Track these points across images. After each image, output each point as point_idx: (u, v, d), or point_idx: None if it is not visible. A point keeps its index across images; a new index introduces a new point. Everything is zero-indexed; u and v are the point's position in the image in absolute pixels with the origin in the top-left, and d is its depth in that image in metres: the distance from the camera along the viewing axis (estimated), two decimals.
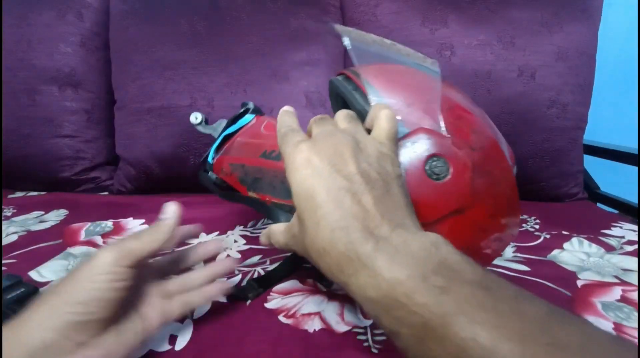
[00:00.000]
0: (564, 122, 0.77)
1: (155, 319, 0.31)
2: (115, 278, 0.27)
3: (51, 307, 0.26)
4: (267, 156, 0.34)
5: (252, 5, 0.81)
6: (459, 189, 0.31)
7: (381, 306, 0.22)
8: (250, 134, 0.37)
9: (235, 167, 0.36)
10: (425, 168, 0.31)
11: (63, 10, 0.83)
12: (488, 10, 0.77)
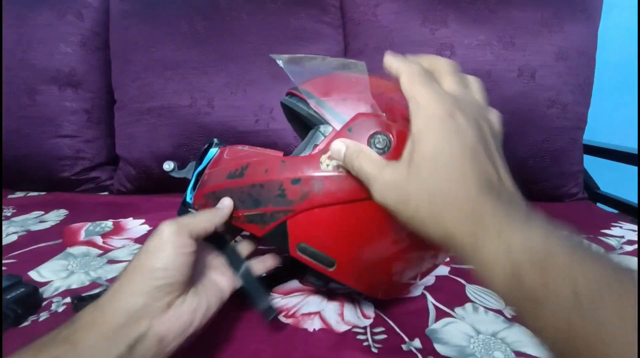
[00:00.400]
0: (564, 122, 0.77)
1: (226, 284, 0.36)
2: (179, 245, 0.31)
3: (136, 276, 0.29)
4: (232, 175, 0.38)
5: (252, 5, 0.81)
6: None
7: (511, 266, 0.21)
8: (216, 164, 0.41)
9: (208, 196, 0.39)
10: (370, 145, 0.33)
11: (63, 10, 0.83)
12: (488, 10, 0.77)
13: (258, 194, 0.36)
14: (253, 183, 0.36)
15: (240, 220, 0.37)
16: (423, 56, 0.34)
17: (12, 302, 0.40)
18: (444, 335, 0.38)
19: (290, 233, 0.35)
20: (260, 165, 0.36)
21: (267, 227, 0.36)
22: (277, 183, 0.35)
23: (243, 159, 0.38)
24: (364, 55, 0.82)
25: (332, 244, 0.35)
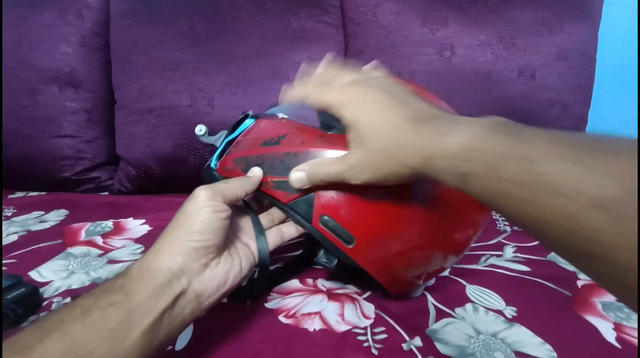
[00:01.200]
0: (564, 122, 0.77)
1: (256, 248, 0.38)
2: (214, 209, 0.32)
3: (175, 238, 0.32)
4: (267, 143, 0.38)
5: (252, 5, 0.81)
6: None
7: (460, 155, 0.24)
8: (250, 133, 0.40)
9: (238, 160, 0.39)
10: None
11: (63, 10, 0.83)
12: (488, 10, 0.77)
13: (291, 162, 0.36)
14: (288, 151, 0.36)
15: (268, 185, 0.37)
16: (315, 72, 0.37)
17: (13, 302, 0.40)
18: (444, 335, 0.38)
19: (316, 204, 0.35)
20: (297, 136, 0.37)
21: (294, 195, 0.36)
22: (312, 154, 0.35)
23: (281, 129, 0.38)
24: (364, 55, 0.82)
25: (355, 221, 0.35)
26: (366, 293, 0.44)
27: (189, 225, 0.32)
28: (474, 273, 0.49)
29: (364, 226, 0.36)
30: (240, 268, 0.35)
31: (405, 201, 0.34)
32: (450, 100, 0.76)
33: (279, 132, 0.38)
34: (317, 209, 0.35)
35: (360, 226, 0.36)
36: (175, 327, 0.30)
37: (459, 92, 0.76)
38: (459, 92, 0.76)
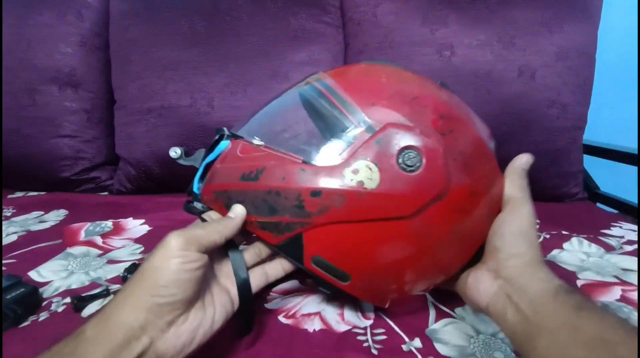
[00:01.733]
0: (564, 122, 0.77)
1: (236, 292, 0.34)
2: (186, 261, 0.29)
3: (139, 291, 0.28)
4: (246, 178, 0.35)
5: (252, 5, 0.81)
6: (435, 177, 0.32)
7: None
8: (227, 159, 0.37)
9: (219, 194, 0.37)
10: (399, 161, 0.32)
11: (63, 10, 0.83)
12: (488, 10, 0.77)
13: (274, 201, 0.33)
14: (269, 189, 0.34)
15: (252, 226, 0.35)
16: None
17: (12, 302, 0.40)
18: (444, 335, 0.38)
19: (306, 245, 0.34)
20: (277, 170, 0.34)
21: (281, 237, 0.34)
22: (295, 192, 0.33)
23: (259, 161, 0.35)
24: (364, 55, 0.82)
25: (348, 259, 0.34)
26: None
27: (155, 277, 0.28)
28: None
29: (359, 263, 0.34)
30: (212, 323, 0.31)
31: (404, 233, 0.33)
32: None
33: (256, 165, 0.35)
34: (308, 250, 0.34)
35: (355, 264, 0.34)
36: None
37: (458, 92, 0.75)
38: (458, 92, 0.74)
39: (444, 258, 0.35)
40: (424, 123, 0.33)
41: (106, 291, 0.44)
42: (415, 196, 0.32)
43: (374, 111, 0.34)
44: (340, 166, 0.32)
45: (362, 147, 0.32)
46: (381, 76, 0.37)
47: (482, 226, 0.35)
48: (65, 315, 0.41)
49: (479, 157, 0.35)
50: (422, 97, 0.35)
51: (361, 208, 0.32)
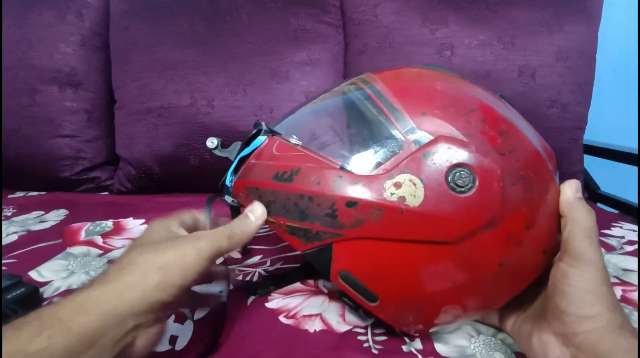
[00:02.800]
0: (564, 122, 0.77)
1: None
2: (203, 270, 0.29)
3: (148, 283, 0.27)
4: (279, 178, 0.33)
5: (252, 5, 0.81)
6: (489, 201, 0.29)
7: None
8: (263, 156, 0.36)
9: (250, 190, 0.35)
10: (447, 180, 0.29)
11: (63, 10, 0.83)
12: (488, 10, 0.77)
13: (305, 206, 0.31)
14: (302, 192, 0.31)
15: (281, 229, 0.33)
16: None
17: (12, 302, 0.40)
18: (445, 335, 0.38)
19: (335, 258, 0.31)
20: (312, 173, 0.32)
21: (309, 245, 0.32)
22: (329, 200, 0.30)
23: (294, 162, 0.33)
24: (364, 55, 0.82)
25: (379, 280, 0.31)
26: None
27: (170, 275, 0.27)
28: None
29: (390, 286, 0.31)
30: (155, 335, 0.29)
31: (441, 261, 0.30)
32: None
33: (291, 165, 0.33)
34: (337, 263, 0.31)
35: (385, 286, 0.31)
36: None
37: None
38: None
39: (487, 293, 0.32)
40: (480, 139, 0.30)
41: None
42: (462, 221, 0.29)
43: (424, 121, 0.31)
44: (381, 177, 0.30)
45: (407, 159, 0.29)
46: (435, 82, 0.34)
47: (536, 262, 0.32)
48: None
49: (540, 183, 0.31)
50: (480, 110, 0.31)
51: (400, 226, 0.29)
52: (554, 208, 0.31)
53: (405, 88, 0.34)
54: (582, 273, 0.28)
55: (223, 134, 0.76)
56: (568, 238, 0.30)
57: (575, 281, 0.29)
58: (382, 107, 0.32)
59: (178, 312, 0.30)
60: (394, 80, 0.35)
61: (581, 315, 0.28)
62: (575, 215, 0.30)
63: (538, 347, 0.30)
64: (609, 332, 0.27)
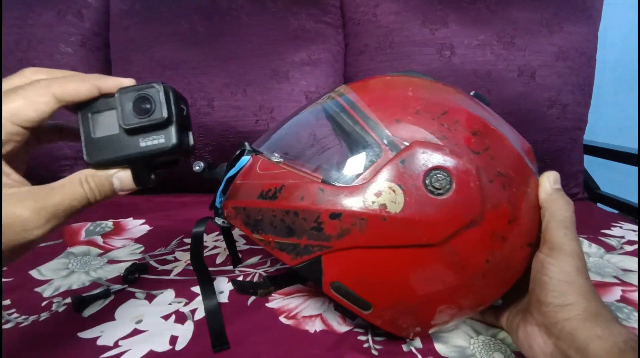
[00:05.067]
0: (564, 122, 0.77)
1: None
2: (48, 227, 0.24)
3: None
4: (264, 196, 0.34)
5: (252, 5, 0.81)
6: (467, 201, 0.29)
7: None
8: (247, 175, 0.37)
9: (238, 210, 0.36)
10: (425, 183, 0.29)
11: (63, 11, 0.83)
12: (488, 10, 0.77)
13: (292, 222, 0.32)
14: (287, 208, 0.32)
15: (270, 245, 0.34)
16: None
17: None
18: (444, 335, 0.38)
19: (325, 270, 0.32)
20: (296, 189, 0.32)
21: (299, 259, 0.32)
22: (314, 213, 0.31)
23: (278, 179, 0.34)
24: (364, 55, 0.82)
25: (370, 287, 0.32)
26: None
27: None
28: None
29: (381, 292, 0.32)
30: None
31: (428, 264, 0.30)
32: None
33: (275, 183, 0.34)
34: (327, 274, 0.32)
35: (377, 293, 0.32)
36: None
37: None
38: None
39: (478, 290, 0.32)
40: (454, 141, 0.30)
41: (107, 292, 0.44)
42: (444, 222, 0.29)
43: (398, 128, 0.31)
44: (361, 187, 0.30)
45: (385, 167, 0.30)
46: (407, 89, 0.34)
47: (522, 257, 0.32)
48: (66, 315, 0.41)
49: (518, 178, 0.32)
50: (452, 112, 0.32)
51: (384, 233, 0.30)
52: (535, 201, 0.32)
53: (378, 97, 0.34)
54: (558, 263, 0.29)
55: (223, 134, 0.76)
56: (545, 229, 0.31)
57: (551, 271, 0.29)
58: (357, 118, 0.33)
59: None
60: (367, 90, 0.35)
61: (558, 304, 0.29)
62: (552, 207, 0.31)
63: (523, 338, 0.31)
64: (585, 320, 0.27)
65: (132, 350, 0.35)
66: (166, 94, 0.26)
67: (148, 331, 0.38)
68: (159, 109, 0.25)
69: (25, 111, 0.23)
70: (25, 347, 0.36)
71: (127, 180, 0.27)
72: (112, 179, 0.26)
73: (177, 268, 0.50)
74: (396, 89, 0.35)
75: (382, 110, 0.33)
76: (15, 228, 0.22)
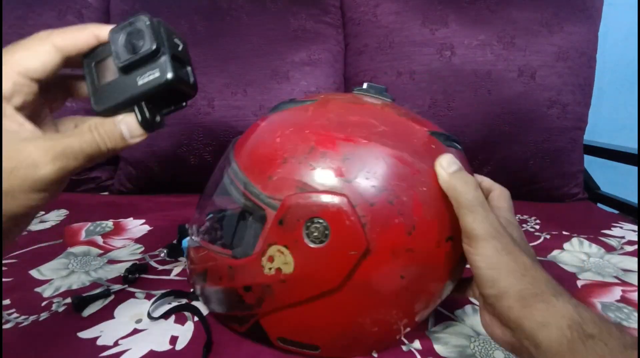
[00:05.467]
0: (564, 122, 0.77)
1: None
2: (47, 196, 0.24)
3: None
4: (202, 280, 0.38)
5: (252, 5, 0.81)
6: (350, 239, 0.28)
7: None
8: (190, 259, 0.41)
9: (199, 291, 0.41)
10: (306, 238, 0.29)
11: (63, 11, 0.83)
12: (488, 10, 0.77)
13: (223, 299, 0.35)
14: (216, 288, 0.36)
15: (221, 318, 0.38)
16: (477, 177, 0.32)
17: None
18: (444, 336, 0.38)
19: (267, 330, 0.34)
20: (215, 270, 0.35)
21: (244, 327, 0.35)
22: (232, 290, 0.33)
23: (203, 263, 0.36)
24: (364, 55, 0.82)
25: (309, 334, 0.33)
26: None
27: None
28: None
29: (319, 335, 0.33)
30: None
31: (342, 304, 0.31)
32: (450, 100, 0.76)
33: (201, 267, 0.37)
34: (271, 333, 0.34)
35: (316, 336, 0.33)
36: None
37: (459, 92, 0.76)
38: (459, 92, 0.76)
39: (411, 300, 0.32)
40: (326, 177, 0.29)
41: (107, 292, 0.44)
42: (335, 268, 0.29)
43: (271, 186, 0.30)
44: (257, 256, 0.31)
45: (269, 232, 0.30)
46: (275, 136, 0.32)
47: (445, 253, 0.31)
48: (66, 315, 0.41)
49: (406, 183, 0.29)
50: (319, 144, 0.30)
51: (290, 292, 0.30)
52: (439, 193, 0.30)
53: (249, 157, 0.33)
54: (477, 251, 0.27)
55: (223, 134, 0.76)
56: (458, 218, 0.29)
57: (475, 261, 0.27)
58: (239, 185, 0.32)
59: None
60: (242, 152, 0.34)
61: (494, 294, 0.27)
62: (454, 193, 0.29)
63: (488, 326, 0.30)
64: (524, 306, 0.26)
65: (132, 350, 0.35)
66: (153, 25, 0.25)
67: (148, 330, 0.38)
68: (147, 41, 0.24)
69: (28, 61, 0.23)
70: (25, 347, 0.36)
71: (133, 125, 0.26)
72: (120, 125, 0.25)
73: (177, 268, 0.50)
74: (265, 141, 0.33)
75: (255, 172, 0.32)
76: (24, 163, 0.22)
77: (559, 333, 0.24)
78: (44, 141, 0.23)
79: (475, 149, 0.76)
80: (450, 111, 0.76)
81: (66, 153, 0.23)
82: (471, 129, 0.76)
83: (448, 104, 0.76)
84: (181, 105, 0.28)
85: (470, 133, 0.76)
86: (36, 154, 0.22)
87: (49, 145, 0.23)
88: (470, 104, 0.75)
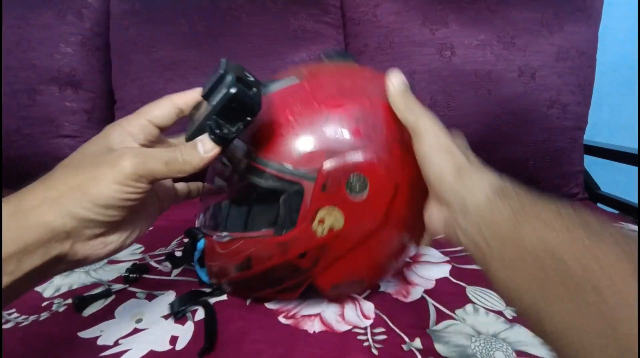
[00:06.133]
0: (564, 122, 0.77)
1: (169, 202, 0.37)
2: (133, 191, 0.27)
3: (72, 198, 0.25)
4: (241, 268, 0.38)
5: (252, 5, 0.81)
6: (384, 182, 0.34)
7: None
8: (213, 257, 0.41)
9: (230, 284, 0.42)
10: (349, 193, 0.33)
11: (63, 11, 0.83)
12: (488, 10, 0.77)
13: (274, 275, 0.37)
14: (265, 270, 0.37)
15: (270, 295, 0.41)
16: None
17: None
18: (445, 336, 0.38)
19: (321, 285, 0.38)
20: (261, 253, 0.36)
21: (298, 291, 0.39)
22: (286, 262, 0.36)
23: (240, 251, 0.37)
24: (364, 55, 0.82)
25: (356, 272, 0.39)
26: (366, 292, 0.44)
27: (94, 193, 0.25)
28: (474, 274, 0.49)
29: (367, 268, 0.39)
30: (140, 232, 0.31)
31: (384, 234, 0.37)
32: (450, 100, 0.76)
33: (242, 256, 0.38)
34: (325, 286, 0.39)
35: (364, 271, 0.39)
36: (41, 280, 0.25)
37: (459, 92, 0.76)
38: (459, 92, 0.76)
39: (414, 224, 0.36)
40: (346, 141, 0.33)
41: (108, 291, 0.44)
42: (376, 210, 0.35)
43: (302, 161, 0.33)
44: (307, 225, 0.34)
45: (313, 199, 0.33)
46: (287, 116, 0.35)
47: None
48: (66, 315, 0.41)
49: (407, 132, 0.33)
50: (331, 114, 0.34)
51: (343, 243, 0.35)
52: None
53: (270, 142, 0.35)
54: (425, 142, 0.30)
55: None
56: (404, 122, 0.32)
57: (421, 152, 0.30)
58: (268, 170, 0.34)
59: (126, 223, 0.29)
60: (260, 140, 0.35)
61: (435, 171, 0.29)
62: (392, 100, 0.33)
63: (426, 217, 0.32)
64: (458, 178, 0.28)
65: (132, 350, 0.35)
66: (227, 63, 0.31)
67: (148, 330, 0.38)
68: (218, 71, 0.30)
69: (154, 112, 0.34)
70: (25, 347, 0.36)
71: (206, 139, 0.29)
72: (196, 141, 0.30)
73: (177, 268, 0.50)
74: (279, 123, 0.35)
75: (279, 153, 0.34)
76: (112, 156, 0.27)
77: (483, 196, 0.26)
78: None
79: (475, 149, 0.75)
80: (450, 111, 0.76)
81: (146, 154, 0.28)
82: (471, 129, 0.76)
83: (448, 104, 0.76)
84: (247, 120, 0.31)
85: (470, 133, 0.75)
86: (123, 151, 0.27)
87: (137, 149, 0.29)
88: (470, 104, 0.75)
